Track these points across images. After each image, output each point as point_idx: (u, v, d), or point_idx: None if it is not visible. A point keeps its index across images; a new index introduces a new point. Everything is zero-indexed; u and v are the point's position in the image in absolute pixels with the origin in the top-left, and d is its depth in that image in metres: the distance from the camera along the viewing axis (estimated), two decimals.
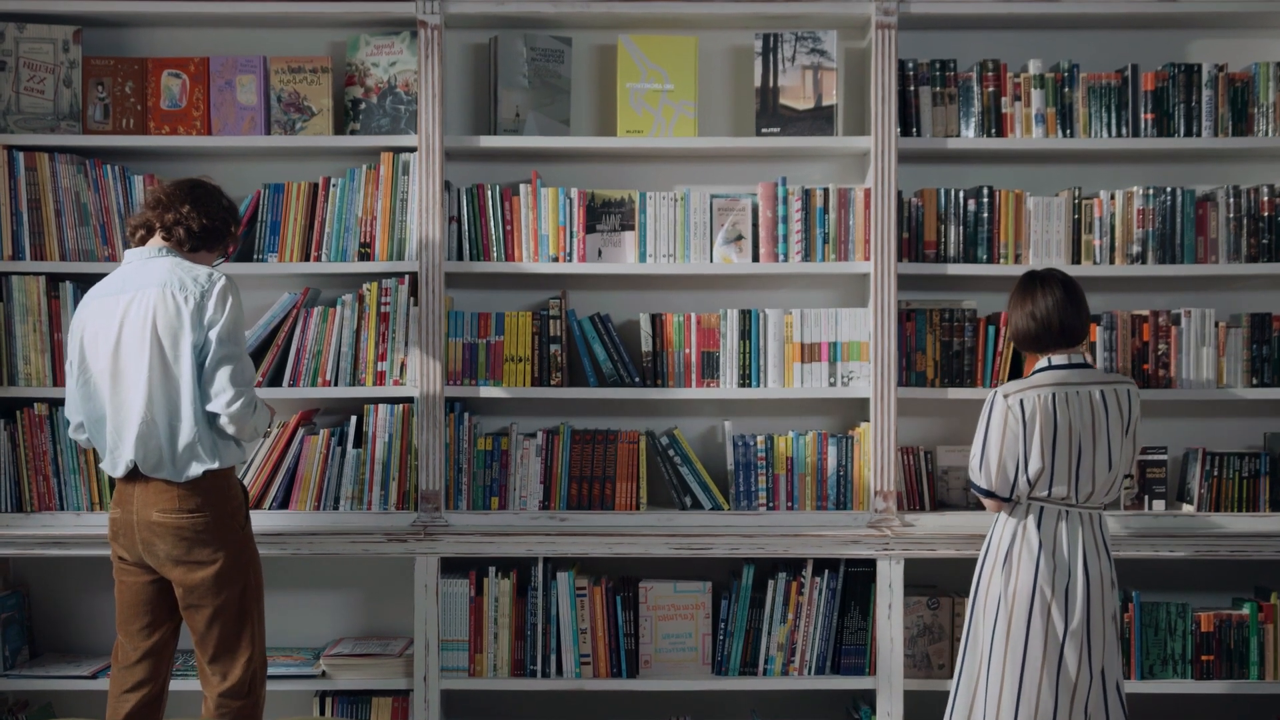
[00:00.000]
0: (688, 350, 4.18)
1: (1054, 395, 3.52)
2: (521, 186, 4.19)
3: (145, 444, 3.41)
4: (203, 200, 3.54)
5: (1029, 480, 3.52)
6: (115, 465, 3.47)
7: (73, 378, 3.52)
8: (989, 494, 3.57)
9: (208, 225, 3.53)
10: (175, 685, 3.71)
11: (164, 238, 3.51)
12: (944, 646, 4.14)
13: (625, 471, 4.17)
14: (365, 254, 4.16)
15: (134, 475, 3.45)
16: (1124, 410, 3.56)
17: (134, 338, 3.42)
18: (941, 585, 4.27)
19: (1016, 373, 4.17)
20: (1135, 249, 4.17)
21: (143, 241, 3.54)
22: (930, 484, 4.23)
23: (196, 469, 3.42)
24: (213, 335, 3.40)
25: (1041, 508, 3.55)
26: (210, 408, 3.42)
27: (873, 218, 4.13)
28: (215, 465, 3.44)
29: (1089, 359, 3.67)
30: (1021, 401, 3.53)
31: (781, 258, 4.18)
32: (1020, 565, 3.53)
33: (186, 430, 3.41)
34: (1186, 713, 4.28)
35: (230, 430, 3.44)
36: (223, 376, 3.40)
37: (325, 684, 4.12)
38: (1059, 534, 3.53)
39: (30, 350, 4.13)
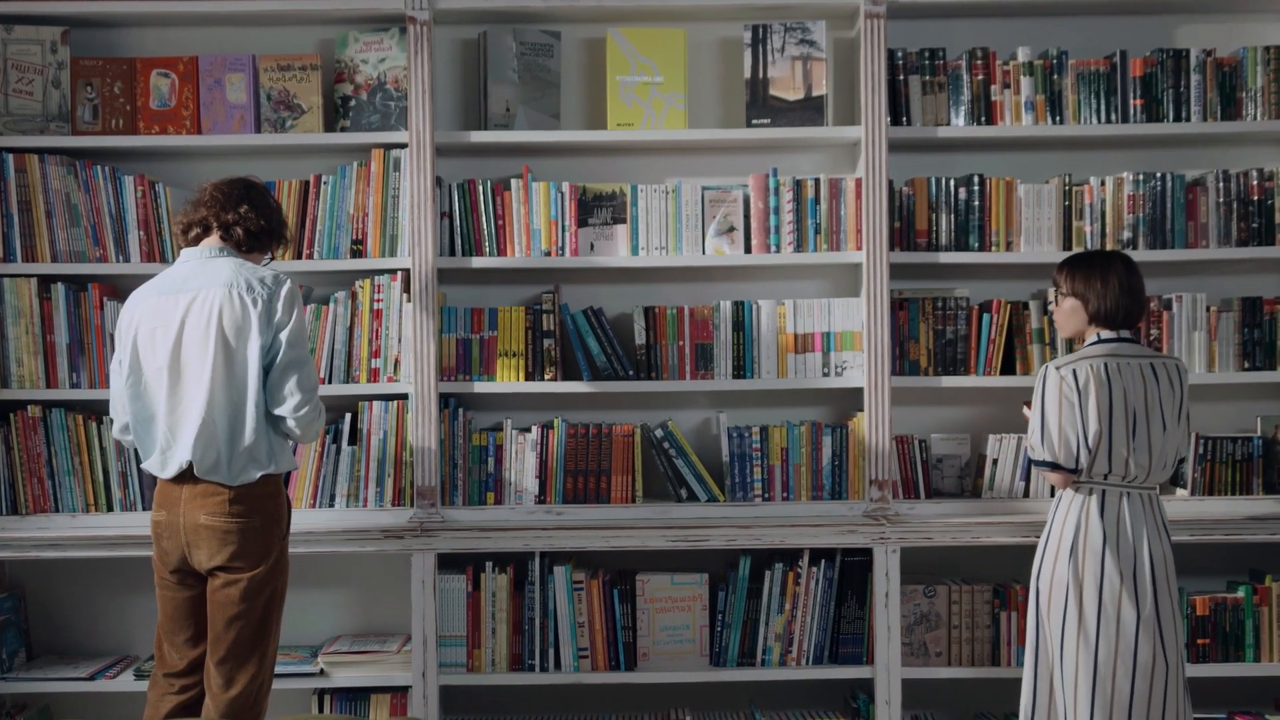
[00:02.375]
0: (681, 342, 4.18)
1: (1105, 365, 3.53)
2: (513, 181, 4.19)
3: (204, 446, 3.38)
4: (258, 200, 3.54)
5: (1089, 448, 3.51)
6: (165, 465, 3.44)
7: (120, 377, 3.49)
8: (1053, 466, 3.55)
9: (265, 227, 3.54)
10: None
11: (222, 237, 3.49)
12: (941, 634, 4.15)
13: (620, 465, 4.17)
14: (357, 251, 4.16)
15: (183, 477, 3.42)
16: (1174, 384, 3.56)
17: (197, 337, 3.39)
18: (938, 573, 4.28)
19: (1009, 359, 4.19)
20: (1126, 234, 4.18)
21: (197, 240, 3.52)
22: (925, 472, 4.23)
23: (253, 473, 3.41)
24: (283, 337, 3.39)
25: (1104, 491, 3.54)
26: (278, 411, 3.40)
27: (864, 207, 4.13)
28: (272, 469, 3.44)
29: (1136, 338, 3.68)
30: (1074, 371, 3.53)
31: (774, 249, 4.19)
32: (1087, 554, 3.52)
33: (249, 433, 3.39)
34: None
35: (296, 433, 3.44)
36: (292, 381, 3.40)
37: (324, 682, 4.12)
38: (1122, 518, 3.53)
39: (23, 352, 4.12)
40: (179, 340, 3.40)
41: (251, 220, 3.50)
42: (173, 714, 3.50)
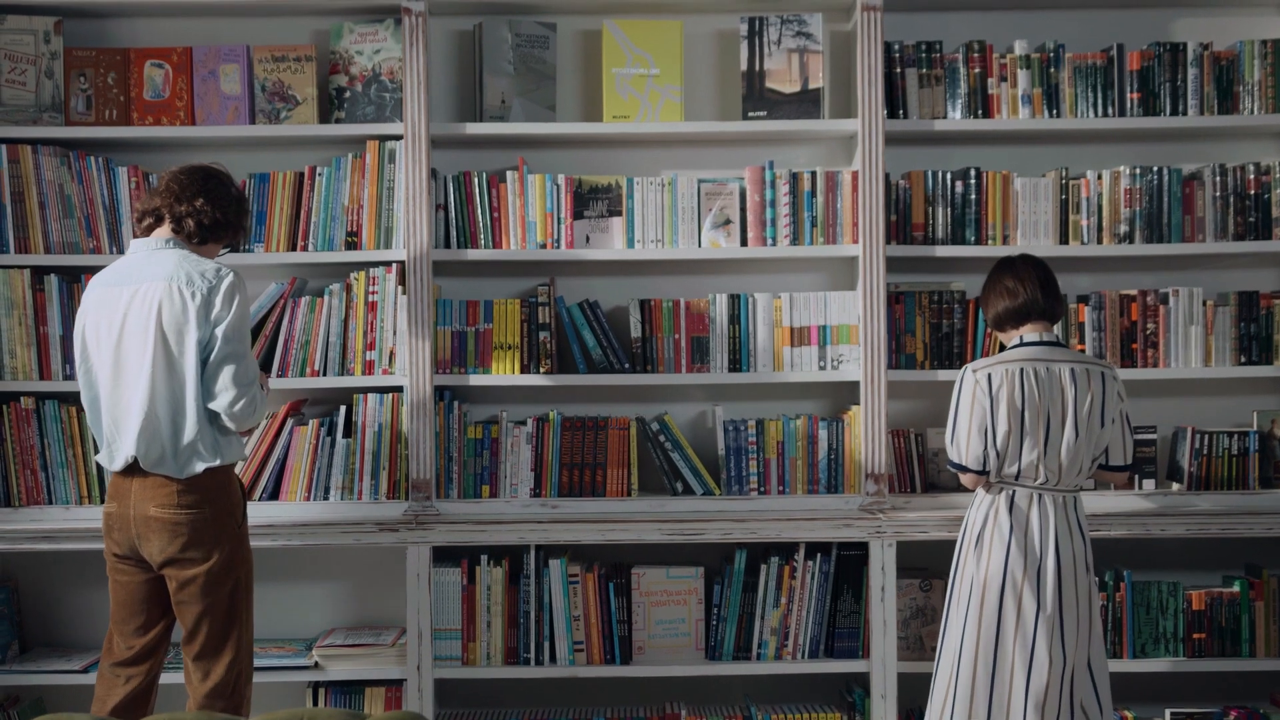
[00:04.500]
0: (677, 335, 4.17)
1: (1022, 370, 3.55)
2: (508, 173, 4.17)
3: (148, 440, 3.36)
4: (216, 192, 3.49)
5: (999, 452, 3.53)
6: (112, 459, 3.43)
7: (79, 367, 3.49)
8: (963, 468, 3.59)
9: (220, 219, 3.49)
10: (166, 678, 3.68)
11: (173, 229, 3.46)
12: (937, 629, 4.13)
13: (616, 458, 4.16)
14: (352, 243, 4.15)
15: (132, 469, 3.41)
16: (1094, 390, 3.56)
17: (137, 332, 3.37)
18: (933, 567, 4.27)
19: None
20: (1123, 229, 4.18)
21: (149, 230, 3.48)
22: (921, 466, 4.23)
23: (198, 465, 3.39)
24: (219, 332, 3.36)
25: (1014, 490, 3.57)
26: (212, 406, 3.38)
27: (860, 200, 4.12)
28: (217, 462, 3.41)
29: (1061, 340, 3.69)
30: (989, 375, 3.56)
31: (770, 241, 4.18)
32: (992, 548, 3.55)
33: (190, 427, 3.37)
34: (1178, 691, 4.29)
35: (233, 427, 3.42)
36: (226, 375, 3.36)
37: (318, 675, 4.11)
38: (1030, 517, 3.55)
39: (16, 344, 4.11)
40: (121, 334, 3.38)
41: (206, 213, 3.45)
42: (120, 706, 3.48)
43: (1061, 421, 3.54)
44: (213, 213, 3.47)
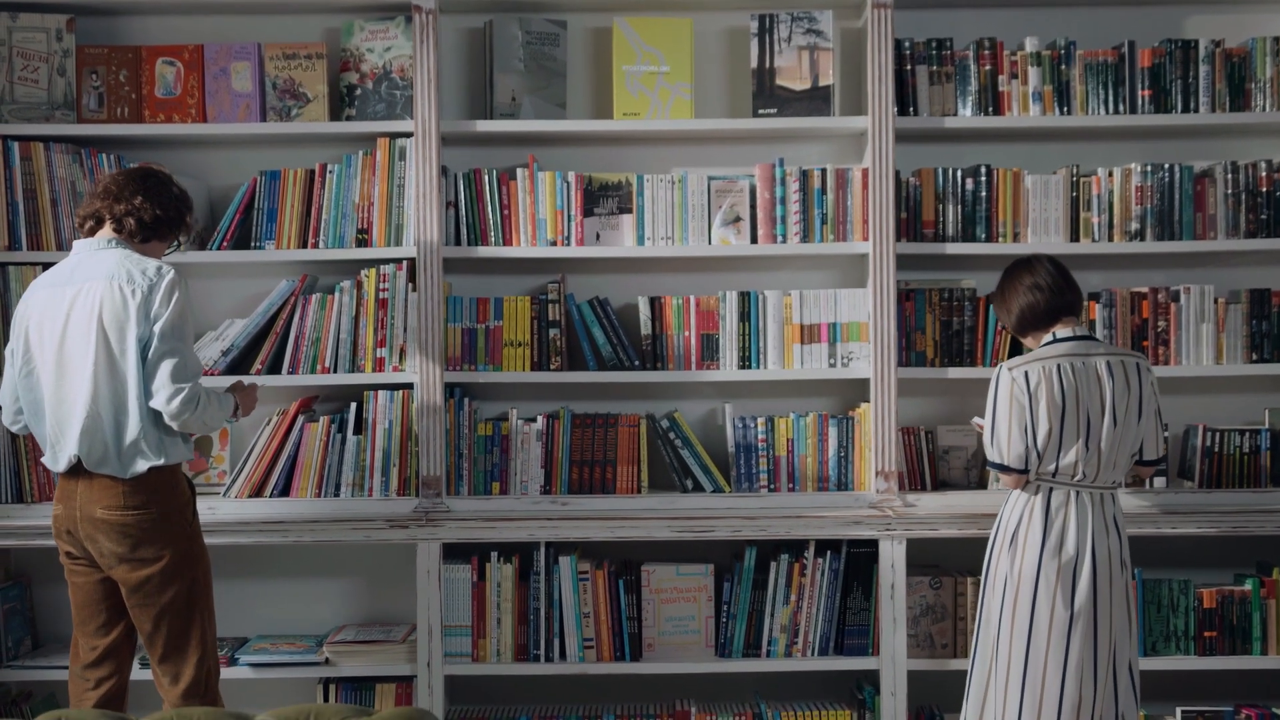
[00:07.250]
0: (687, 333, 4.17)
1: (1059, 366, 3.53)
2: (518, 171, 4.18)
3: (90, 439, 3.36)
4: (154, 190, 3.48)
5: (1039, 452, 3.51)
6: (57, 460, 3.43)
7: (14, 366, 3.47)
8: (1004, 468, 3.56)
9: (160, 216, 3.48)
10: (140, 675, 3.69)
11: (114, 229, 3.45)
12: (947, 626, 4.14)
13: (626, 455, 4.16)
14: (363, 240, 4.15)
15: (77, 470, 3.40)
16: (1131, 382, 3.55)
17: (80, 331, 3.36)
18: (944, 565, 4.27)
19: (1016, 350, 4.17)
20: (1134, 226, 4.17)
21: (92, 232, 3.48)
22: (931, 464, 4.23)
23: (142, 465, 3.37)
24: (155, 329, 3.34)
25: (1051, 488, 3.55)
26: (152, 404, 3.35)
27: (871, 198, 4.12)
28: (161, 462, 3.39)
29: (1093, 334, 3.68)
30: (1026, 373, 3.54)
31: (780, 239, 4.18)
32: (1026, 546, 3.54)
33: (133, 426, 3.36)
34: (1190, 689, 4.28)
35: (175, 426, 3.38)
36: (164, 372, 3.33)
37: (329, 671, 4.12)
38: (1067, 514, 3.53)
39: None
40: (64, 334, 3.38)
41: (146, 210, 3.45)
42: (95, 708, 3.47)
43: (1101, 416, 3.52)
44: (152, 209, 3.46)
